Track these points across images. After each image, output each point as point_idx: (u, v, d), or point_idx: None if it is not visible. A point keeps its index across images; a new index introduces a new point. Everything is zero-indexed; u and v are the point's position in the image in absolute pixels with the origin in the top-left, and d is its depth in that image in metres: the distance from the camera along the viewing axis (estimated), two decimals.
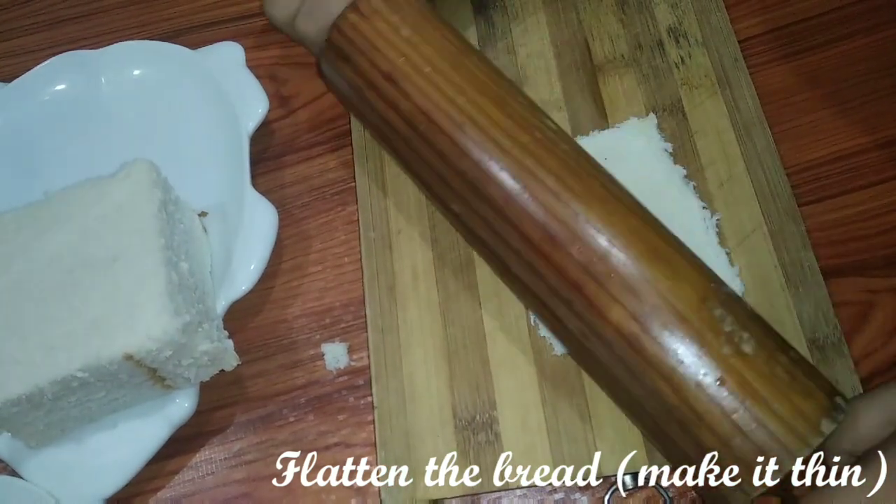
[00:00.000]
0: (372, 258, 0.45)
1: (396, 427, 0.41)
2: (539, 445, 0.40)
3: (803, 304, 0.42)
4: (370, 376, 0.43)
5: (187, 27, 0.56)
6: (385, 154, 0.48)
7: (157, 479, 0.43)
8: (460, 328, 0.43)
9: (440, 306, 0.44)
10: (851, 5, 0.51)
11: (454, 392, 0.42)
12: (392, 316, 0.44)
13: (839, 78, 0.49)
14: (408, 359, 0.43)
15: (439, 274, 0.45)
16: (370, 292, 0.44)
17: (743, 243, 0.43)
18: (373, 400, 0.42)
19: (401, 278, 0.45)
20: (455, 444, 0.41)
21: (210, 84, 0.48)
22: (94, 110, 0.51)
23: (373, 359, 0.43)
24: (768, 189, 0.45)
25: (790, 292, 0.42)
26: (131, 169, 0.41)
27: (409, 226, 0.46)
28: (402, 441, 0.41)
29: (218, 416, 0.44)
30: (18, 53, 0.56)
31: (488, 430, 0.41)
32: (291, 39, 0.48)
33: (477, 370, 0.42)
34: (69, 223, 0.40)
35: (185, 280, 0.39)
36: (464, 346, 0.43)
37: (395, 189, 0.47)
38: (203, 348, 0.38)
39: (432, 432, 0.41)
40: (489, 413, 0.41)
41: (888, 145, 0.47)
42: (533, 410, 0.41)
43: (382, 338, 0.43)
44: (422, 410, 0.41)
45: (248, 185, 0.44)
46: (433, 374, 0.42)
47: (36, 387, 0.36)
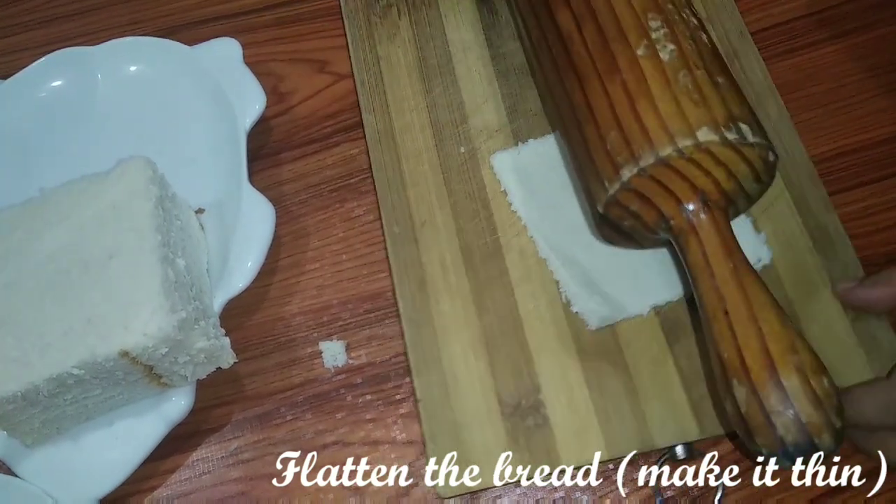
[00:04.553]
0: (398, 253, 0.45)
1: (443, 419, 0.41)
2: (589, 424, 0.40)
3: (832, 265, 0.42)
4: (410, 371, 0.42)
5: (184, 23, 0.55)
6: (402, 147, 0.48)
7: (153, 477, 0.42)
8: (495, 315, 0.43)
9: (472, 295, 0.43)
10: (848, 2, 0.51)
11: (496, 379, 0.41)
12: (425, 309, 0.43)
13: (839, 74, 0.49)
14: (446, 350, 0.42)
15: (468, 263, 0.44)
16: (400, 287, 0.44)
17: (767, 211, 0.44)
18: (414, 394, 0.42)
19: (430, 270, 0.44)
20: (504, 430, 0.40)
21: (207, 80, 0.48)
22: (90, 107, 0.50)
23: (411, 353, 0.42)
24: (787, 157, 0.45)
25: (819, 254, 0.43)
26: (127, 166, 0.41)
27: (432, 217, 0.46)
28: (450, 433, 0.40)
29: (215, 415, 0.43)
30: (14, 50, 0.56)
31: (535, 414, 0.40)
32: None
33: (517, 355, 0.42)
34: (65, 220, 0.40)
35: (182, 277, 0.39)
36: (501, 333, 0.42)
37: (415, 181, 0.47)
38: (199, 346, 0.38)
39: (479, 421, 0.41)
40: (534, 397, 0.41)
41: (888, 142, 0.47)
42: (577, 390, 0.41)
43: (418, 331, 0.43)
44: (466, 401, 0.41)
45: (246, 181, 0.44)
46: (473, 363, 0.42)
47: (32, 384, 0.35)
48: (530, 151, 0.47)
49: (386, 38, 0.52)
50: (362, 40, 0.52)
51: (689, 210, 0.36)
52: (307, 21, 0.55)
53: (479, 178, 0.47)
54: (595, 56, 0.38)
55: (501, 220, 0.45)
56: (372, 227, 0.48)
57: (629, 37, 0.37)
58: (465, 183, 0.46)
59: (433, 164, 0.47)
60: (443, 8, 0.52)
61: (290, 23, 0.55)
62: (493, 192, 0.46)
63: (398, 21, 0.52)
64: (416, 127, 0.48)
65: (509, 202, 0.45)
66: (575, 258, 0.43)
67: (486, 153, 0.47)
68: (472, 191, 0.46)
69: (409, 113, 0.49)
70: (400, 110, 0.49)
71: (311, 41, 0.54)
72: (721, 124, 0.35)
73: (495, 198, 0.46)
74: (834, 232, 0.43)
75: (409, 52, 0.51)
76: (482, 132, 0.48)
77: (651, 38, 0.37)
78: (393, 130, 0.48)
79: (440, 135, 0.48)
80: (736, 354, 0.33)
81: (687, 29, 0.38)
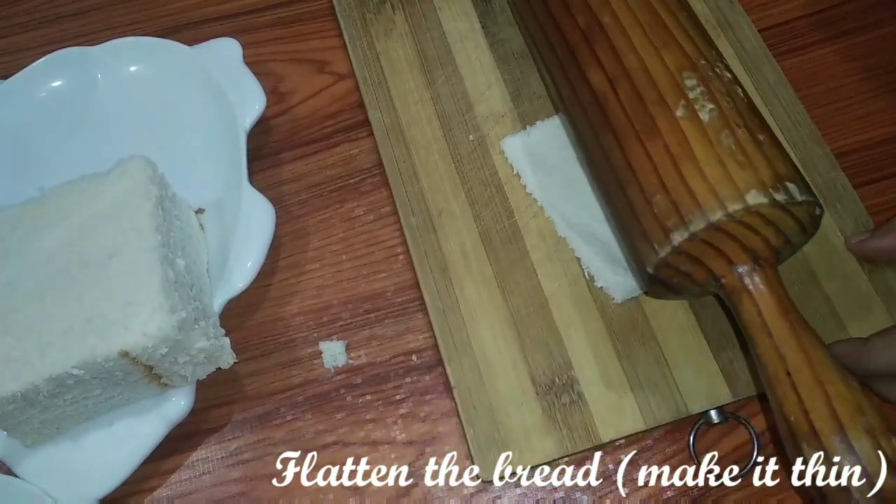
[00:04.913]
0: (418, 243, 0.45)
1: (479, 404, 0.41)
2: (623, 397, 0.40)
3: (843, 221, 0.44)
4: (442, 359, 0.42)
5: (184, 23, 0.55)
6: (411, 140, 0.48)
7: (153, 477, 0.42)
8: (520, 297, 0.43)
9: (496, 279, 0.44)
10: (849, 2, 0.51)
11: (528, 360, 0.42)
12: (450, 296, 0.44)
13: (839, 74, 0.49)
14: (475, 335, 0.43)
15: (488, 247, 0.45)
16: (423, 277, 0.44)
17: None
18: (449, 381, 0.42)
19: (451, 258, 0.45)
20: (540, 410, 0.41)
21: (207, 80, 0.48)
22: (90, 107, 0.50)
23: (440, 341, 0.43)
24: (789, 119, 0.46)
25: (829, 211, 0.44)
26: (127, 166, 0.41)
27: (448, 205, 0.46)
28: (487, 416, 0.41)
29: (215, 415, 0.43)
30: (14, 50, 0.56)
31: (570, 391, 0.41)
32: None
33: (546, 335, 0.42)
34: (65, 220, 0.40)
35: (182, 277, 0.39)
36: (528, 314, 0.43)
37: (427, 171, 0.47)
38: (199, 346, 0.38)
39: (515, 402, 0.41)
40: (567, 374, 0.41)
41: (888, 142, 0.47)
42: (609, 364, 0.41)
43: (445, 319, 0.43)
44: (500, 383, 0.41)
45: (246, 181, 0.44)
46: (503, 346, 0.42)
47: (31, 384, 0.35)
48: (538, 133, 0.47)
49: (383, 34, 0.52)
50: (359, 38, 0.52)
51: (740, 270, 0.36)
52: (307, 21, 0.55)
53: (490, 163, 0.47)
54: (633, 117, 0.38)
55: (517, 203, 0.46)
56: (372, 227, 0.48)
57: (667, 98, 0.37)
58: (477, 170, 0.47)
59: (444, 154, 0.47)
60: (436, 0, 0.53)
61: (290, 23, 0.55)
62: (506, 176, 0.47)
63: (393, 16, 0.52)
64: (423, 119, 0.49)
65: (523, 185, 0.46)
66: (595, 234, 0.44)
67: (494, 139, 0.48)
68: (485, 177, 0.47)
69: (415, 106, 0.49)
70: (405, 104, 0.49)
71: (311, 41, 0.54)
72: (769, 185, 0.34)
73: (508, 182, 0.46)
74: (842, 188, 0.44)
75: (408, 46, 0.51)
76: (489, 118, 0.48)
77: (689, 98, 0.37)
78: (400, 124, 0.49)
79: (448, 125, 0.48)
80: (804, 418, 0.33)
81: (722, 85, 0.37)
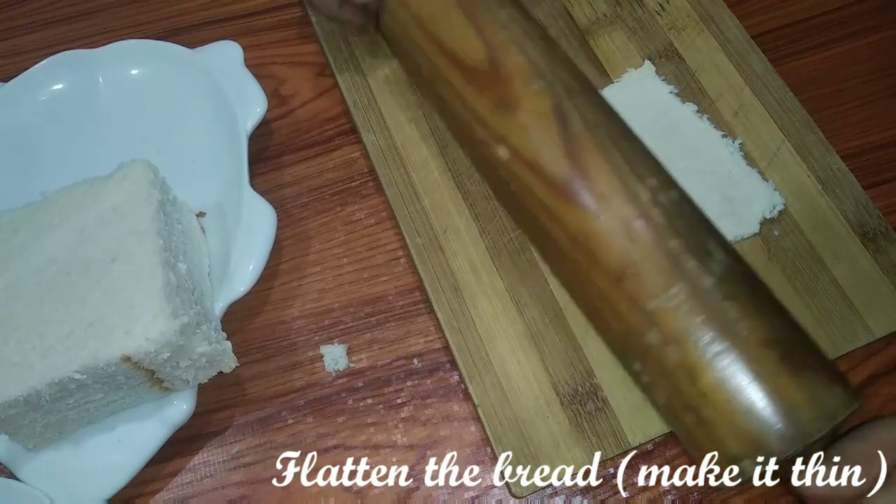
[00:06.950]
0: (426, 263, 0.45)
1: (505, 420, 0.41)
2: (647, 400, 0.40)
3: (844, 204, 0.44)
4: (463, 379, 0.42)
5: (185, 26, 0.55)
6: (408, 159, 0.48)
7: (155, 481, 0.42)
8: (535, 308, 0.43)
9: (508, 292, 0.44)
10: (851, 5, 0.51)
11: (549, 370, 0.42)
12: (465, 314, 0.43)
13: (842, 78, 0.49)
14: (494, 351, 0.42)
15: (497, 262, 0.44)
16: (435, 297, 0.44)
17: (772, 162, 0.45)
18: (473, 400, 0.41)
19: (461, 275, 0.44)
20: (566, 419, 0.41)
21: (208, 83, 0.48)
22: (91, 110, 0.50)
23: (460, 361, 0.42)
24: (779, 107, 0.47)
25: (829, 195, 0.44)
26: (129, 169, 0.41)
27: (452, 222, 0.46)
28: (515, 432, 0.41)
29: (216, 418, 0.44)
30: (15, 53, 0.56)
31: (595, 398, 0.41)
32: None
33: (564, 344, 0.42)
34: (66, 224, 0.40)
35: (183, 281, 0.39)
36: (544, 325, 0.43)
37: (427, 190, 0.47)
38: (201, 350, 0.38)
39: (541, 415, 0.41)
40: (590, 381, 0.41)
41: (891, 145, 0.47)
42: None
43: (462, 338, 0.43)
44: (524, 397, 0.41)
45: (247, 185, 0.44)
46: (523, 359, 0.42)
47: (33, 389, 0.35)
48: None
49: (368, 56, 0.51)
50: (345, 62, 0.51)
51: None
52: (308, 24, 0.55)
53: None
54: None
55: None
56: (373, 230, 0.48)
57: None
58: (477, 184, 0.47)
59: (442, 171, 0.47)
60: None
61: (291, 26, 0.55)
62: None
63: (376, 36, 0.51)
64: (416, 138, 0.48)
65: None
66: None
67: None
68: (486, 191, 0.46)
69: (408, 125, 0.49)
70: (398, 124, 0.49)
71: (312, 44, 0.54)
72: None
73: None
74: (838, 171, 0.45)
75: (395, 65, 0.50)
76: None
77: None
78: (395, 145, 0.48)
79: (442, 141, 0.48)
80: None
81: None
